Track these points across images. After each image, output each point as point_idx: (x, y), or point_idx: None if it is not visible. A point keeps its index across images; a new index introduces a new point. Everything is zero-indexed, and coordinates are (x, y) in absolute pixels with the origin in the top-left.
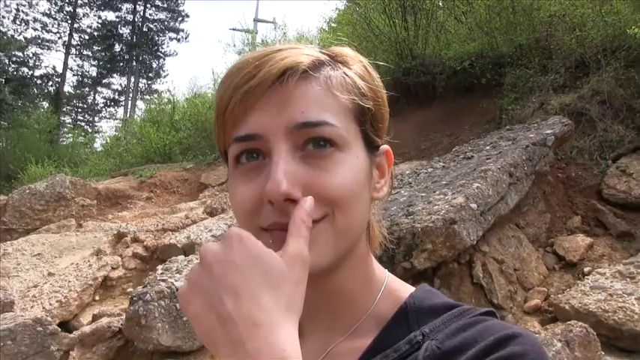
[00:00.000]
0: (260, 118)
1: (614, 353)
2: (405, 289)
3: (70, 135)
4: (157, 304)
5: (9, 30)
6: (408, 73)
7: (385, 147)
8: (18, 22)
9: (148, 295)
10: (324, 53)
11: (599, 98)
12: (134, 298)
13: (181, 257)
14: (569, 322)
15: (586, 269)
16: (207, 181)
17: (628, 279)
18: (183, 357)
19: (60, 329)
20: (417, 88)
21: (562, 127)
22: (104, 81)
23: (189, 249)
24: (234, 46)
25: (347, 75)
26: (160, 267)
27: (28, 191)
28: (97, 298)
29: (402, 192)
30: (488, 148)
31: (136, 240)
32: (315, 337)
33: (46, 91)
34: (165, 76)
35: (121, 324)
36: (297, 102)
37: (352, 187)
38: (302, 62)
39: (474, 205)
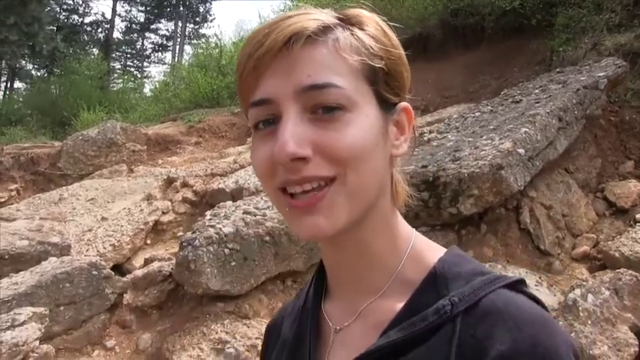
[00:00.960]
0: (270, 83)
1: None
2: (433, 252)
3: (120, 81)
4: (205, 249)
5: None
6: (455, 14)
7: (404, 104)
8: None
9: (197, 240)
10: (335, 17)
11: None
12: (183, 244)
13: (229, 203)
14: (618, 270)
15: (638, 216)
16: None
17: None
18: (232, 301)
19: (113, 273)
20: (465, 30)
21: (616, 69)
22: (152, 26)
23: (237, 194)
24: None
25: (356, 36)
26: (208, 213)
27: (80, 137)
28: (148, 242)
29: (449, 137)
30: (537, 91)
31: (185, 185)
32: (345, 297)
33: (95, 37)
34: (212, 21)
35: (172, 268)
36: (304, 65)
37: (361, 145)
38: (308, 27)
39: (521, 151)
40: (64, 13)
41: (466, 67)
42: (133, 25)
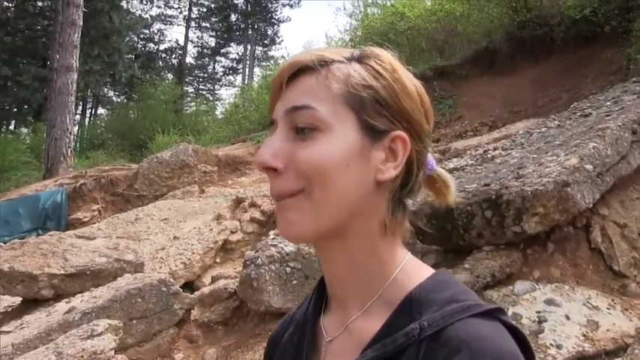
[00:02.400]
0: (277, 107)
1: None
2: (417, 276)
3: (192, 104)
4: (267, 267)
5: (137, 10)
6: (523, 26)
7: (398, 133)
8: (144, 2)
9: (260, 259)
10: (345, 54)
11: None
12: (247, 262)
13: None
14: None
15: None
16: None
17: None
18: None
19: (182, 290)
20: (533, 42)
21: None
22: (222, 50)
23: None
24: (345, 9)
25: (348, 69)
26: (271, 232)
27: (155, 160)
28: (217, 260)
29: (513, 153)
30: (609, 103)
31: (253, 205)
32: (339, 310)
33: (170, 63)
34: (280, 43)
35: (236, 286)
36: (295, 92)
37: (325, 162)
38: (302, 61)
39: (589, 167)
40: (141, 42)
41: (535, 81)
42: (205, 50)
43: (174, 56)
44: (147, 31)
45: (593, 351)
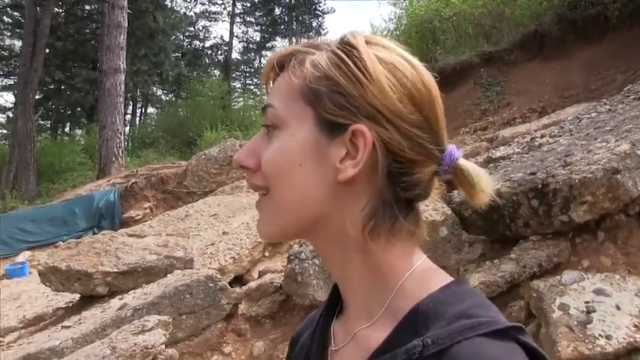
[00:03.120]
0: None
1: None
2: (429, 285)
3: (240, 99)
4: (311, 262)
5: (181, 8)
6: (574, 6)
7: (357, 126)
8: (188, 0)
9: (303, 253)
10: (309, 45)
11: None
12: (291, 257)
13: None
14: None
15: None
16: None
17: None
18: None
19: (231, 284)
20: (585, 22)
21: None
22: (268, 44)
23: None
24: None
25: (305, 59)
26: None
27: (203, 157)
28: (266, 254)
29: (561, 141)
30: None
31: None
32: (348, 317)
33: (216, 60)
34: (325, 34)
35: (282, 280)
36: (271, 91)
37: (276, 163)
38: (273, 59)
39: None
40: (186, 40)
41: (587, 63)
42: (250, 45)
43: (219, 52)
44: (192, 29)
45: None
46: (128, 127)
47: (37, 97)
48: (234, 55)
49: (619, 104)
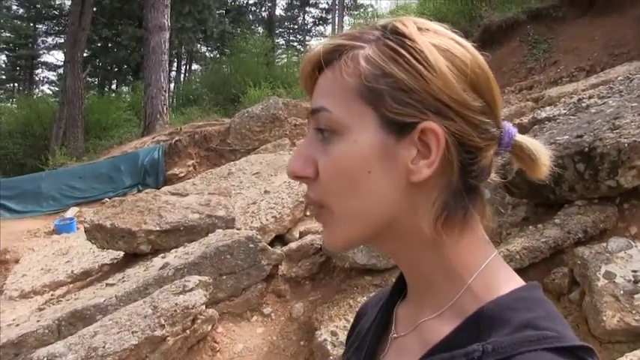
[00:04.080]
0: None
1: None
2: (498, 287)
3: (284, 56)
4: None
5: None
6: None
7: (426, 124)
8: None
9: None
10: (352, 38)
11: None
12: None
13: None
14: None
15: None
16: None
17: None
18: (379, 274)
19: (272, 243)
20: None
21: None
22: (312, 1)
23: None
24: None
25: (359, 57)
26: None
27: (246, 114)
28: (307, 213)
29: (610, 102)
30: None
31: None
32: (413, 305)
33: (260, 16)
34: None
35: (322, 241)
36: (317, 91)
37: (342, 173)
38: (314, 58)
39: None
40: None
41: None
42: (294, 1)
43: (263, 9)
44: None
45: None
46: (173, 85)
47: (85, 55)
48: (278, 11)
49: None
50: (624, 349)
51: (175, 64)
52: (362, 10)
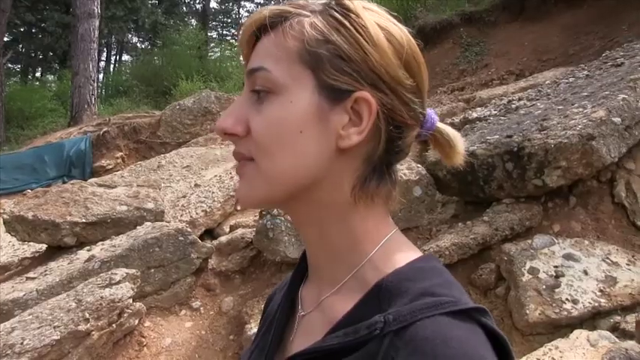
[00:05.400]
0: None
1: None
2: (397, 259)
3: (216, 50)
4: (283, 218)
5: None
6: None
7: (361, 93)
8: None
9: (275, 209)
10: (298, 6)
11: None
12: (262, 212)
13: None
14: None
15: None
16: None
17: None
18: None
19: (201, 238)
20: None
21: None
22: None
23: None
24: None
25: (304, 22)
26: None
27: (178, 107)
28: (238, 208)
29: (538, 104)
30: None
31: None
32: (315, 283)
33: (193, 8)
34: None
35: (253, 235)
36: (255, 53)
37: (275, 130)
38: (259, 19)
39: (617, 119)
40: None
41: (567, 28)
42: None
43: (197, 1)
44: None
45: (609, 306)
46: (102, 75)
47: (5, 39)
48: (212, 4)
49: (597, 70)
50: (544, 340)
51: (105, 54)
52: None
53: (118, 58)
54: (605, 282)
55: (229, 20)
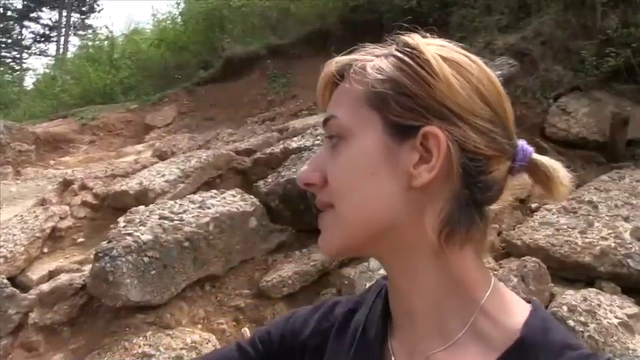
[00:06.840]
0: None
1: (561, 283)
2: (512, 309)
3: None
4: (124, 259)
5: None
6: (354, 10)
7: (428, 128)
8: None
9: (115, 250)
10: (366, 53)
11: (541, 39)
12: (99, 254)
13: (142, 208)
14: (523, 258)
15: (533, 205)
16: (153, 122)
17: (571, 214)
18: (152, 311)
19: (18, 290)
20: (364, 27)
21: (509, 68)
22: (32, 15)
23: (141, 196)
24: None
25: (365, 65)
26: (121, 219)
27: None
28: (45, 250)
29: None
30: None
31: (84, 187)
32: (409, 335)
33: None
34: (99, 11)
35: (84, 280)
36: (330, 103)
37: (349, 173)
38: (329, 73)
39: None
40: None
41: None
42: (9, 12)
43: None
44: None
45: None
46: None
47: None
48: None
49: None
50: None
51: None
52: (91, 31)
53: None
54: None
55: (9, 41)
